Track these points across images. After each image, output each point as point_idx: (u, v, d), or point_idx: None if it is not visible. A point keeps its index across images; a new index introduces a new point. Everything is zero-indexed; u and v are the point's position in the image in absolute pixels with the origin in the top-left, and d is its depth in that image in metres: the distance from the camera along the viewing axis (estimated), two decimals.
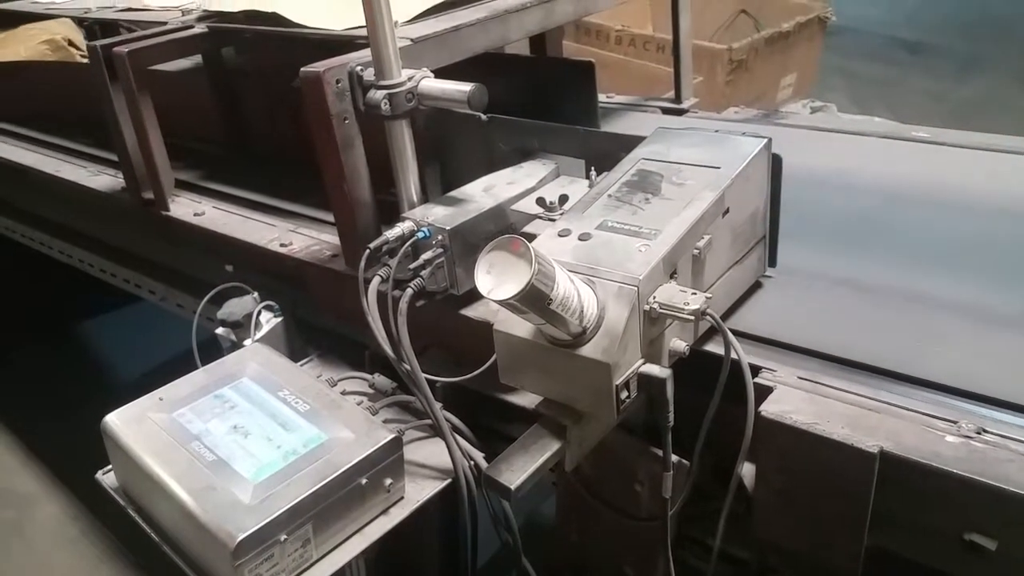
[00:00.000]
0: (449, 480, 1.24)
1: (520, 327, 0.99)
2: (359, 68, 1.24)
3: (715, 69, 3.00)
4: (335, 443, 1.14)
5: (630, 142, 1.22)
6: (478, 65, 1.48)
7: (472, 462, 1.26)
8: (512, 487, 0.94)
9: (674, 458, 1.09)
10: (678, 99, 2.02)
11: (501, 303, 0.86)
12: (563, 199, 1.25)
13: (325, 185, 1.35)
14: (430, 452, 1.29)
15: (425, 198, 1.37)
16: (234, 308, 1.47)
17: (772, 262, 1.23)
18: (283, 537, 1.05)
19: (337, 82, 1.24)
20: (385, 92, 1.20)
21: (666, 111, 2.03)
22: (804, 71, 3.39)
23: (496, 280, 0.86)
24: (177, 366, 1.39)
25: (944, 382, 1.02)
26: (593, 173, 1.26)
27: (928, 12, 4.77)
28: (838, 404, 0.99)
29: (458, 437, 1.26)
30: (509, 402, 1.26)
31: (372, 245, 1.21)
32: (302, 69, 1.25)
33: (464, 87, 1.18)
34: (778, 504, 1.01)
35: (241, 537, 1.01)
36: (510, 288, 0.84)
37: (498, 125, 1.43)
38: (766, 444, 0.99)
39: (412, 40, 1.32)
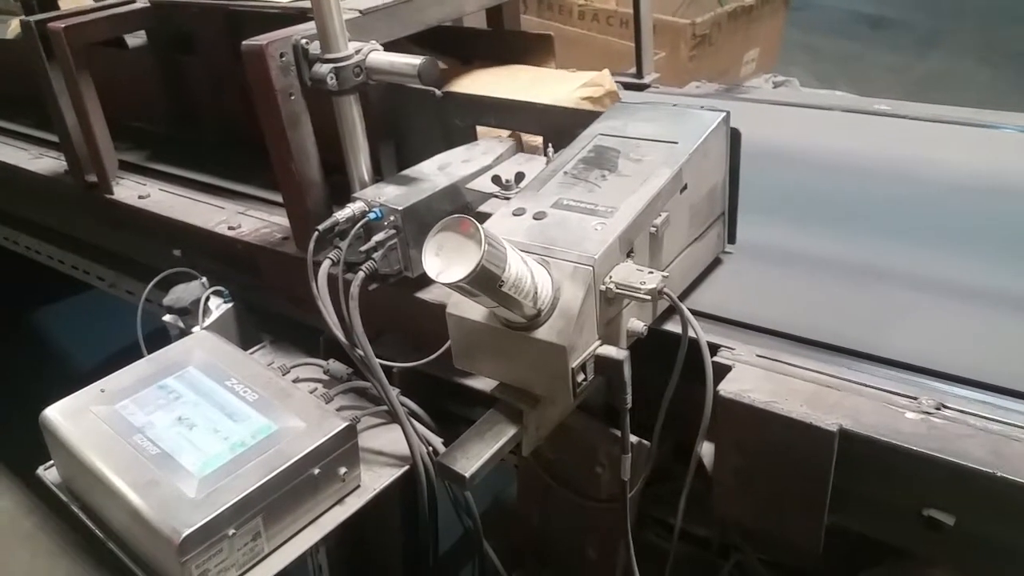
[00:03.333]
0: (407, 467, 1.21)
1: (474, 310, 0.96)
2: (304, 41, 1.19)
3: (678, 44, 2.97)
4: (285, 433, 1.10)
5: (588, 118, 1.19)
6: (432, 39, 1.44)
7: (430, 448, 1.23)
8: (467, 475, 0.91)
9: (634, 439, 1.07)
10: (639, 74, 1.98)
11: (450, 286, 0.82)
12: (519, 177, 1.22)
13: (272, 165, 1.30)
14: (388, 439, 1.26)
15: (379, 178, 1.32)
16: (181, 294, 1.42)
17: (732, 239, 1.21)
18: (231, 531, 1.01)
19: (281, 56, 1.19)
20: (331, 66, 1.15)
21: (627, 86, 1.99)
22: (767, 46, 3.38)
23: (445, 262, 0.82)
24: (132, 356, 1.33)
25: (904, 359, 1.01)
26: (551, 150, 1.23)
27: None
28: (797, 382, 0.97)
29: (415, 423, 1.23)
30: (468, 386, 1.23)
31: (321, 227, 1.16)
32: (244, 43, 1.20)
33: (414, 60, 1.14)
34: (737, 483, 0.99)
35: (186, 533, 0.97)
36: (459, 271, 0.81)
37: (453, 101, 1.39)
38: (724, 423, 0.97)
39: (361, 12, 1.26)
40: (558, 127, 1.24)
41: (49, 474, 1.24)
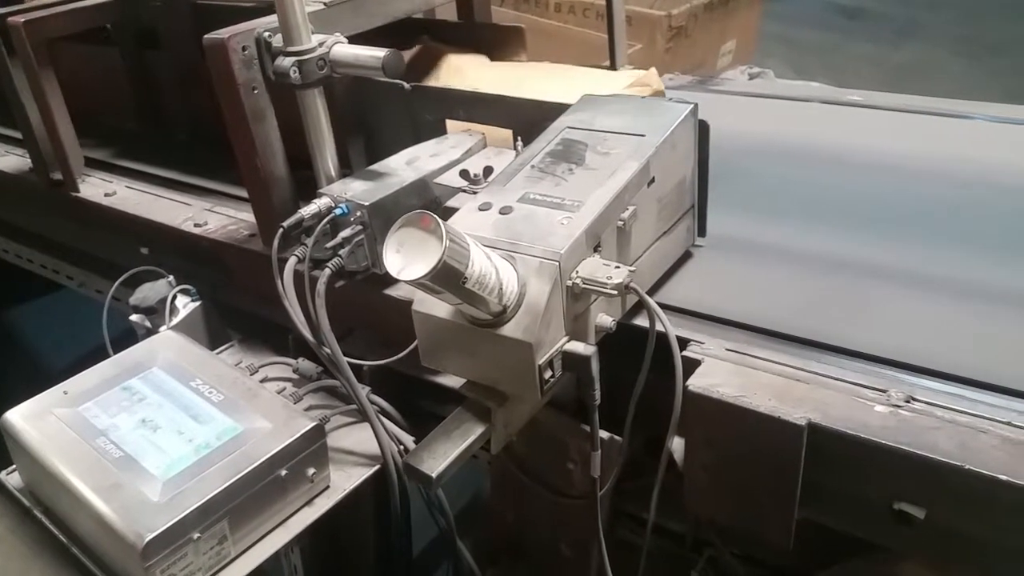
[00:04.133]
0: (378, 466, 1.19)
1: (439, 307, 0.94)
2: (267, 34, 1.17)
3: (654, 37, 2.96)
4: (251, 434, 1.08)
5: (557, 110, 1.18)
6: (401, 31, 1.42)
7: (401, 446, 1.21)
8: (433, 475, 0.90)
9: (605, 435, 1.07)
10: (613, 66, 1.96)
11: (412, 283, 0.81)
12: (488, 171, 1.20)
13: (237, 160, 1.28)
14: (358, 438, 1.24)
15: (348, 172, 1.30)
16: (147, 293, 1.39)
17: (702, 232, 1.20)
18: (196, 535, 0.99)
19: (244, 49, 1.17)
20: (294, 59, 1.13)
21: None
22: (744, 38, 3.37)
23: (406, 259, 0.81)
24: (103, 357, 1.31)
25: (873, 352, 1.00)
26: (520, 143, 1.21)
27: None
28: (766, 376, 0.96)
29: (386, 421, 1.21)
30: (439, 383, 1.22)
31: (286, 224, 1.14)
32: (205, 36, 1.17)
33: (378, 52, 1.12)
34: (707, 478, 0.99)
35: (149, 537, 0.95)
36: (420, 267, 0.79)
37: (422, 94, 1.37)
38: (694, 418, 0.96)
39: (325, 4, 1.24)
40: (528, 120, 1.22)
41: (12, 478, 1.21)
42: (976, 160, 1.46)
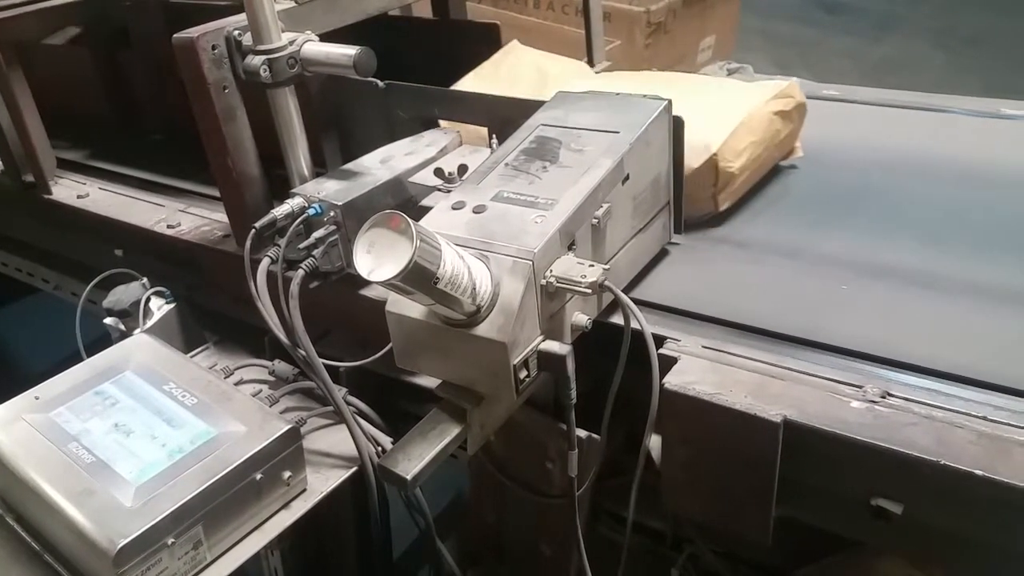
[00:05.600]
0: (355, 468, 1.18)
1: (413, 308, 0.93)
2: (237, 32, 1.16)
3: (634, 32, 2.95)
4: (225, 438, 1.07)
5: (534, 107, 1.17)
6: (375, 29, 1.40)
7: (379, 448, 1.20)
8: (408, 477, 0.89)
9: (583, 433, 1.06)
10: (590, 62, 1.96)
11: (383, 284, 0.80)
12: (462, 169, 1.19)
13: (209, 160, 1.26)
14: (336, 440, 1.23)
15: (322, 171, 1.29)
16: (120, 296, 1.37)
17: (678, 229, 1.19)
18: (170, 541, 0.98)
19: (213, 48, 1.15)
20: (264, 58, 1.12)
21: None
22: (723, 33, 3.37)
23: (376, 260, 0.80)
24: (79, 360, 1.29)
25: (849, 346, 1.00)
26: (495, 141, 1.21)
27: None
28: (742, 372, 0.96)
29: (363, 422, 1.20)
30: (417, 384, 1.21)
31: (259, 224, 1.13)
32: (174, 36, 1.16)
33: (349, 50, 1.11)
34: (685, 476, 0.98)
35: (122, 543, 0.94)
36: (391, 268, 0.78)
37: (397, 92, 1.35)
38: (670, 416, 0.96)
39: (296, 1, 1.23)
40: (503, 118, 1.21)
41: None
42: (953, 154, 1.46)
